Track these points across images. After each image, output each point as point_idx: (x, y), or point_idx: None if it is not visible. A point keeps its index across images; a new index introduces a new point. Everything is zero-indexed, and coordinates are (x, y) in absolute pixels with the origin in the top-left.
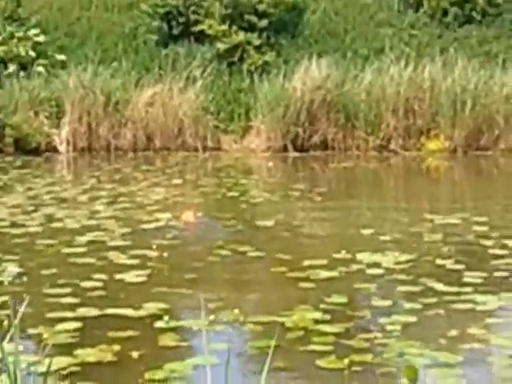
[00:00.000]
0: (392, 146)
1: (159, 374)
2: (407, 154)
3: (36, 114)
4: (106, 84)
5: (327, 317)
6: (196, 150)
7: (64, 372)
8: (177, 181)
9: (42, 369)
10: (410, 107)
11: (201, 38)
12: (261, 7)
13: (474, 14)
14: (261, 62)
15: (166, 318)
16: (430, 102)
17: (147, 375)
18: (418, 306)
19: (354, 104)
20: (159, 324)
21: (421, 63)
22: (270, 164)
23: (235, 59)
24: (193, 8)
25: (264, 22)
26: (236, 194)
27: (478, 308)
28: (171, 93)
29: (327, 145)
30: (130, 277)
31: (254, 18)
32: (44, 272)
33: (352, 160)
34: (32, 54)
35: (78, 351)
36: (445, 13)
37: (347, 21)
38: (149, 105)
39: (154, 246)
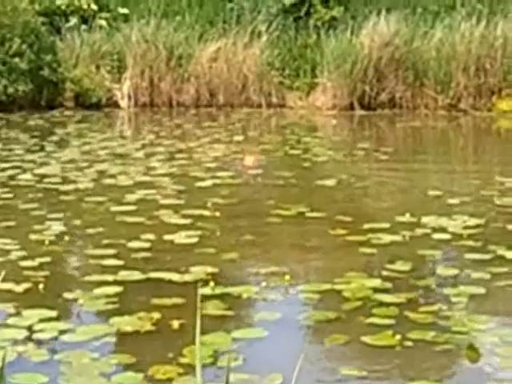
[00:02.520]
0: (462, 106)
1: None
2: (477, 114)
3: (97, 68)
4: (169, 38)
5: (388, 285)
6: (260, 106)
7: (98, 342)
8: (238, 137)
9: (75, 338)
10: (482, 66)
11: None
12: None
13: None
14: (328, 17)
15: (212, 284)
16: (502, 61)
17: (186, 350)
18: (486, 276)
19: (423, 62)
20: (205, 291)
21: (493, 20)
22: (334, 122)
23: (301, 14)
24: None
25: None
26: (299, 151)
27: None
28: (235, 48)
29: (395, 103)
30: (180, 238)
31: None
32: (89, 231)
33: (420, 119)
34: (94, 7)
35: (115, 319)
36: None
37: None
38: (212, 60)
39: (209, 204)
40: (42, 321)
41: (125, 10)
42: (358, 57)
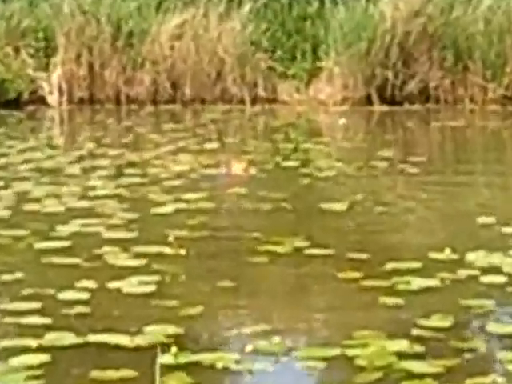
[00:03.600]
0: None
1: None
2: None
3: (16, 50)
4: (115, 9)
5: (420, 349)
6: (241, 101)
7: None
8: (212, 145)
9: None
10: None
11: None
12: None
13: None
14: None
15: (174, 349)
16: None
17: None
18: None
19: (466, 38)
20: (165, 359)
21: None
22: (342, 121)
23: None
24: None
25: None
26: (296, 163)
27: None
28: (207, 21)
29: (428, 95)
30: (130, 286)
31: None
32: (4, 278)
33: (464, 117)
34: None
35: None
36: None
37: None
38: (175, 38)
39: (170, 239)
40: None
41: None
42: (377, 32)
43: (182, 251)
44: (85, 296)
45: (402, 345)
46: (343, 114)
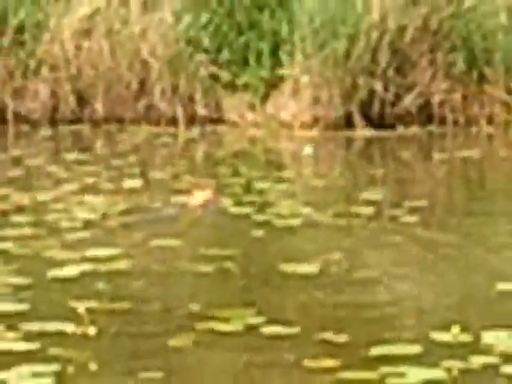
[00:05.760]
0: None
1: None
2: None
3: None
4: None
5: None
6: (173, 122)
7: None
8: (132, 182)
9: None
10: None
11: None
12: None
13: None
14: None
15: None
16: None
17: None
18: None
19: (483, 35)
20: None
21: None
22: (308, 151)
23: None
24: None
25: None
26: (248, 209)
27: None
28: (127, 11)
29: (431, 115)
30: (19, 379)
31: None
32: None
33: (479, 144)
34: None
35: None
36: None
37: None
38: (82, 34)
39: (80, 310)
40: None
41: None
42: (361, 27)
43: (91, 330)
44: None
45: None
46: (313, 140)
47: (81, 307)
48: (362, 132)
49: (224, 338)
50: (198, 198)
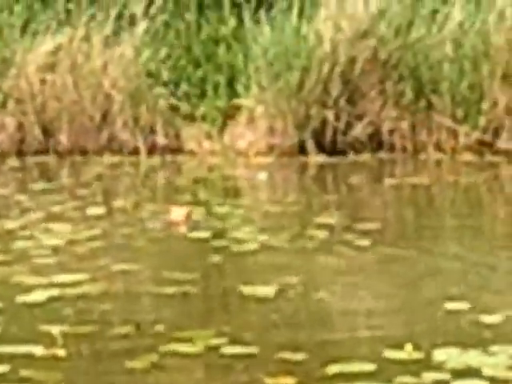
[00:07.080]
0: (502, 144)
1: None
2: None
3: None
4: None
5: None
6: (135, 152)
7: None
8: (96, 210)
9: None
10: None
11: None
12: None
13: None
14: None
15: None
16: None
17: None
18: None
19: (429, 66)
20: None
21: None
22: (262, 177)
23: None
24: None
25: None
26: (207, 234)
27: None
28: (89, 46)
29: (380, 142)
30: None
31: None
32: None
33: (427, 170)
34: None
35: None
36: None
37: None
38: (47, 68)
39: (54, 332)
40: None
41: None
42: (313, 58)
43: (61, 351)
44: None
45: None
46: (268, 167)
47: (54, 330)
48: (315, 159)
49: (186, 359)
50: (179, 213)
